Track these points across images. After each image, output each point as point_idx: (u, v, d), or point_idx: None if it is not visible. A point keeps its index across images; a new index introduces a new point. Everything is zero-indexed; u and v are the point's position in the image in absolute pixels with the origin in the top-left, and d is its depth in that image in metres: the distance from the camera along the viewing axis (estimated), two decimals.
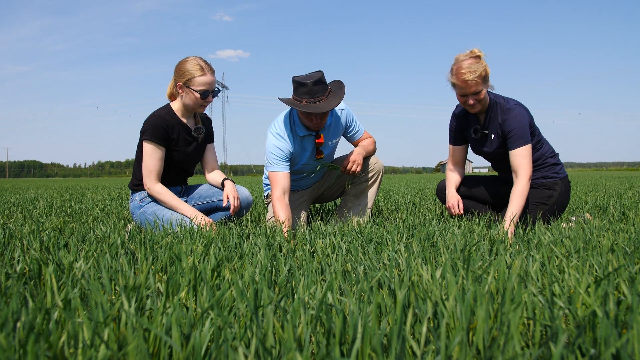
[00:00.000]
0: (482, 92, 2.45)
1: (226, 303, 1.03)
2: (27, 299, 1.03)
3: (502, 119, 2.49)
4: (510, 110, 2.48)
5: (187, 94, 2.51)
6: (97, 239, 1.98)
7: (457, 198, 2.69)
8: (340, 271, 1.36)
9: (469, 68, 2.38)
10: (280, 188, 2.55)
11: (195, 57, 2.51)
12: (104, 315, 0.85)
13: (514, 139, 2.47)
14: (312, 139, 2.70)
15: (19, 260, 1.46)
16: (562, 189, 2.60)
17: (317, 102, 2.45)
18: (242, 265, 1.42)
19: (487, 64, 2.45)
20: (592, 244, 1.68)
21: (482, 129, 2.61)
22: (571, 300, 0.93)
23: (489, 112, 2.55)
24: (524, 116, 2.47)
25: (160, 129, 2.48)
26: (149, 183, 2.49)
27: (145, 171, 2.49)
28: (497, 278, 1.07)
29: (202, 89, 2.47)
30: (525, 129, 2.45)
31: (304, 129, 2.64)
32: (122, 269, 1.34)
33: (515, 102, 2.52)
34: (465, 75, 2.38)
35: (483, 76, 2.41)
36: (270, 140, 2.63)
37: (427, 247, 1.62)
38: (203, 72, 2.46)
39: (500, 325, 0.76)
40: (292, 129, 2.65)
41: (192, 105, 2.54)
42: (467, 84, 2.40)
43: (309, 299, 1.03)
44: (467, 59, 2.42)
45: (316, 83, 2.43)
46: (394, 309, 0.86)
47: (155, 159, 2.49)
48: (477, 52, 2.44)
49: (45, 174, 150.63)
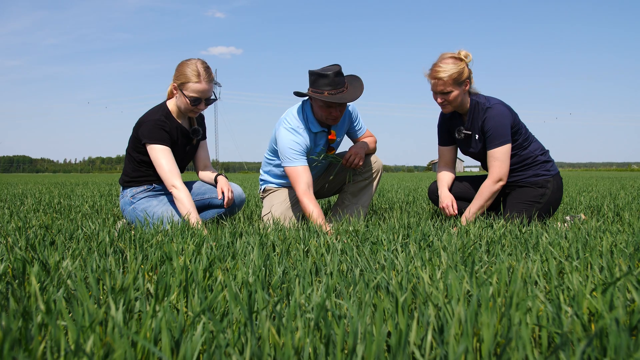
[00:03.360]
0: (452, 94, 2.45)
1: (218, 305, 0.99)
2: (9, 301, 0.98)
3: (482, 119, 2.48)
4: (489, 109, 2.47)
5: (179, 97, 2.44)
6: (85, 237, 1.92)
7: (450, 198, 2.67)
8: (336, 272, 1.32)
9: (443, 67, 2.41)
10: (305, 182, 2.51)
11: (197, 60, 2.42)
12: (90, 320, 0.81)
13: (490, 139, 2.47)
14: (325, 135, 2.70)
15: (2, 259, 1.40)
16: (555, 186, 2.59)
17: (339, 93, 2.44)
18: (234, 265, 1.38)
19: (469, 68, 2.46)
20: (591, 245, 1.66)
21: (465, 130, 2.60)
22: (575, 303, 0.90)
23: (471, 112, 2.54)
24: (503, 115, 2.45)
25: (161, 132, 2.41)
26: (176, 184, 2.37)
27: (165, 174, 2.38)
28: (498, 281, 1.04)
29: (193, 95, 2.39)
30: (503, 129, 2.44)
31: (318, 125, 2.63)
32: (110, 269, 1.29)
33: (496, 101, 2.51)
34: (437, 73, 2.42)
35: (455, 78, 2.40)
36: (287, 136, 2.57)
37: (424, 247, 1.59)
38: (198, 80, 2.37)
39: (507, 332, 0.72)
40: (307, 125, 2.63)
41: (183, 109, 2.47)
42: (436, 82, 2.44)
43: (305, 301, 0.99)
44: (448, 58, 2.44)
45: (337, 74, 2.43)
46: (394, 314, 0.82)
47: (168, 159, 2.40)
48: (463, 54, 2.44)
49: (35, 169, 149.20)
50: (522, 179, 2.58)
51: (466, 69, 2.43)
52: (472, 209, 2.53)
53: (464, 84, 2.46)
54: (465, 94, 2.51)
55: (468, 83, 2.47)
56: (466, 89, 2.48)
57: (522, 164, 2.57)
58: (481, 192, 2.52)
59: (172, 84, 2.46)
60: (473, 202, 2.55)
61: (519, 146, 2.55)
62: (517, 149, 2.54)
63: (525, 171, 2.58)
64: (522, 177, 2.58)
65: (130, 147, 2.56)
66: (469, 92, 2.54)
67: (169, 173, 2.37)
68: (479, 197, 2.53)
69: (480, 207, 2.52)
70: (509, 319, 0.75)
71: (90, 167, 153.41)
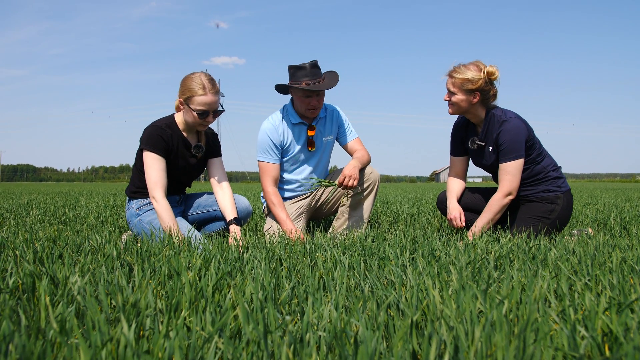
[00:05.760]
0: (456, 97, 2.49)
1: (229, 322, 0.99)
2: (21, 317, 0.98)
3: (497, 132, 2.48)
4: (505, 122, 2.46)
5: (187, 111, 2.43)
6: (92, 250, 1.92)
7: (458, 210, 2.66)
8: (345, 289, 1.31)
9: (461, 70, 2.47)
10: (273, 178, 2.77)
11: (202, 73, 2.41)
12: (102, 338, 0.81)
13: (503, 153, 2.47)
14: (305, 128, 2.84)
15: (11, 273, 1.40)
16: (565, 203, 2.57)
17: (316, 83, 2.64)
18: (243, 281, 1.37)
19: (492, 86, 2.47)
20: (599, 260, 1.65)
21: (478, 141, 2.59)
22: (589, 324, 0.89)
23: (487, 123, 2.54)
24: (518, 129, 2.45)
25: (159, 139, 2.40)
26: (156, 196, 2.37)
27: (150, 183, 2.38)
28: (509, 298, 1.04)
29: (200, 109, 2.38)
30: (518, 143, 2.44)
31: (297, 117, 2.80)
32: (118, 283, 1.29)
33: (512, 115, 2.50)
34: (453, 71, 2.50)
35: (464, 83, 2.44)
36: (265, 129, 2.79)
37: (432, 263, 1.58)
38: (204, 92, 2.36)
39: (523, 355, 0.72)
40: (286, 118, 2.83)
41: (191, 123, 2.46)
42: (448, 79, 2.53)
43: (317, 319, 0.98)
44: (472, 65, 2.48)
45: (314, 67, 2.65)
46: (407, 335, 0.81)
47: (157, 169, 2.39)
48: (488, 68, 2.44)
49: (39, 178, 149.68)
50: (532, 193, 2.57)
51: (481, 82, 2.43)
52: (479, 224, 2.52)
53: (472, 94, 2.46)
54: (475, 105, 2.50)
55: (478, 95, 2.46)
56: (474, 100, 2.47)
57: (534, 178, 2.56)
58: (490, 206, 2.52)
59: (178, 99, 2.45)
60: (481, 215, 2.54)
61: (532, 161, 2.54)
62: (530, 164, 2.53)
63: (536, 186, 2.57)
64: (533, 191, 2.57)
65: (137, 158, 2.56)
66: (486, 105, 2.54)
67: (153, 184, 2.37)
68: (487, 211, 2.52)
69: (488, 222, 2.50)
70: (524, 341, 0.75)
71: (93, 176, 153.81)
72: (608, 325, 0.88)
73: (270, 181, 2.77)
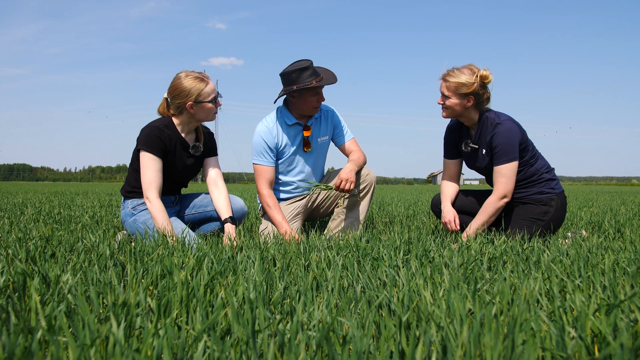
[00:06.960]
0: (449, 100, 2.50)
1: (220, 321, 0.99)
2: (10, 316, 0.98)
3: (491, 134, 2.49)
4: (499, 125, 2.47)
5: (201, 110, 2.45)
6: (85, 249, 1.92)
7: (453, 213, 2.66)
8: (337, 289, 1.31)
9: (455, 73, 2.48)
10: (268, 180, 2.78)
11: (186, 72, 2.45)
12: (91, 337, 0.80)
13: (497, 156, 2.48)
14: (301, 129, 2.85)
15: (3, 272, 1.40)
16: (558, 204, 2.58)
17: (321, 79, 2.70)
18: (235, 280, 1.37)
19: (485, 90, 2.48)
20: (592, 262, 1.65)
21: (472, 143, 2.60)
22: (579, 325, 0.89)
23: (480, 126, 2.55)
24: (512, 132, 2.45)
25: (156, 140, 2.40)
26: (150, 197, 2.37)
27: (144, 184, 2.39)
28: (501, 299, 1.04)
29: (213, 96, 2.46)
30: (512, 146, 2.44)
31: (293, 118, 2.82)
32: (110, 283, 1.29)
33: (506, 117, 2.51)
34: (447, 75, 2.51)
35: (458, 87, 2.45)
36: (260, 131, 2.80)
37: (426, 263, 1.58)
38: (205, 82, 2.43)
39: (511, 354, 0.72)
40: (280, 119, 2.83)
41: (207, 116, 2.50)
42: (442, 83, 2.54)
43: (307, 319, 0.98)
44: (466, 69, 2.48)
45: (312, 65, 2.72)
46: (397, 334, 0.81)
47: (153, 170, 2.39)
48: (482, 71, 2.45)
49: (35, 177, 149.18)
50: (526, 195, 2.58)
51: (475, 86, 2.43)
52: (474, 226, 2.52)
53: (466, 98, 2.46)
54: (469, 108, 2.51)
55: (472, 99, 2.47)
56: (468, 104, 2.48)
57: (527, 180, 2.57)
58: (485, 208, 2.52)
59: (187, 104, 2.42)
60: (476, 218, 2.54)
61: (526, 163, 2.54)
62: (523, 166, 2.54)
63: (529, 188, 2.58)
64: (526, 193, 2.58)
65: (133, 157, 2.56)
66: (479, 108, 2.55)
67: (148, 184, 2.38)
68: (482, 213, 2.53)
69: (483, 224, 2.51)
70: (513, 341, 0.75)
71: (90, 176, 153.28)
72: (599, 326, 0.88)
73: (265, 184, 2.78)
